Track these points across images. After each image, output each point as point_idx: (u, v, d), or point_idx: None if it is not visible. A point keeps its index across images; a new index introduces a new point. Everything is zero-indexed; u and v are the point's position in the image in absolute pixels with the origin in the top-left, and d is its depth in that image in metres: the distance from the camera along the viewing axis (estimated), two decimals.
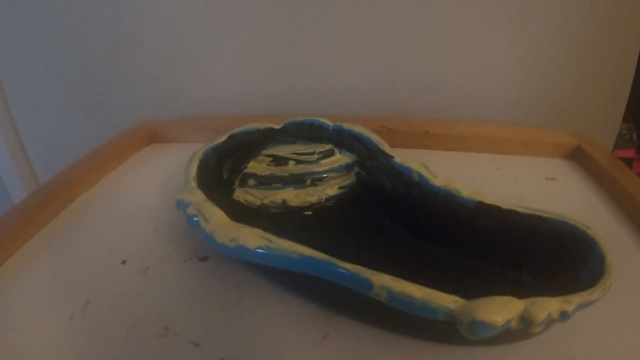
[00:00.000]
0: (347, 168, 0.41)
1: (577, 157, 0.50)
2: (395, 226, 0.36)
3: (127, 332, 0.26)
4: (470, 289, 0.22)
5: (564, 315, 0.21)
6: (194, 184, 0.31)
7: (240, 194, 0.38)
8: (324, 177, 0.40)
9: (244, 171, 0.39)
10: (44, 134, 0.66)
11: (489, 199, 0.31)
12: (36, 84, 0.62)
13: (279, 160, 0.40)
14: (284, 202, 0.38)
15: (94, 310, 0.28)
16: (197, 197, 0.29)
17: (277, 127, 0.40)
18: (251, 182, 0.39)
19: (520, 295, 0.21)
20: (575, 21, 0.53)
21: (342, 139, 0.40)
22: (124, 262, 0.33)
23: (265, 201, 0.38)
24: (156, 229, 0.37)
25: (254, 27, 0.57)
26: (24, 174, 0.67)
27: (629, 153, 0.87)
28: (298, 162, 0.40)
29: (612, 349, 0.26)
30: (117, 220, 0.38)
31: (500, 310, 0.20)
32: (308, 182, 0.39)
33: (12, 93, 0.63)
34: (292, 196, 0.38)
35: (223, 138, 0.38)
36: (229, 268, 0.32)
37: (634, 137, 0.87)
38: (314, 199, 0.39)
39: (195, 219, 0.27)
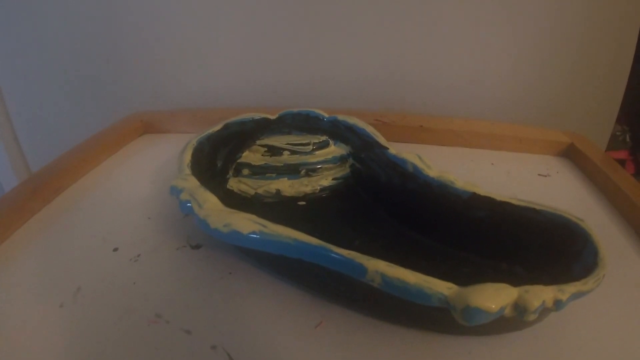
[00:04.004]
0: (342, 159, 0.41)
1: (570, 154, 0.50)
2: (389, 217, 0.36)
3: (118, 319, 0.26)
4: (463, 280, 0.22)
5: (558, 304, 0.21)
6: (187, 170, 0.31)
7: (234, 184, 0.38)
8: (319, 167, 0.40)
9: (238, 161, 0.39)
10: (38, 124, 0.65)
11: (482, 191, 0.31)
12: (30, 74, 0.61)
13: (273, 151, 0.40)
14: (278, 192, 0.38)
15: (84, 297, 0.28)
16: (191, 183, 0.29)
17: (273, 117, 0.40)
18: (245, 171, 0.39)
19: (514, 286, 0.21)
20: (571, 21, 0.54)
21: (337, 131, 0.40)
22: (115, 250, 0.32)
23: (259, 191, 0.38)
24: (149, 218, 0.36)
25: (250, 19, 0.57)
26: (17, 163, 0.66)
27: (622, 154, 0.87)
28: (293, 152, 0.40)
29: (604, 340, 0.26)
30: (110, 208, 0.38)
31: (494, 296, 0.20)
32: (302, 172, 0.39)
33: (5, 83, 0.62)
34: (286, 186, 0.38)
35: (218, 127, 0.38)
36: (221, 256, 0.32)
37: (627, 138, 0.87)
38: (308, 189, 0.39)
39: (188, 204, 0.27)
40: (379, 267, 0.22)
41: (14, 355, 0.24)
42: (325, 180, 0.39)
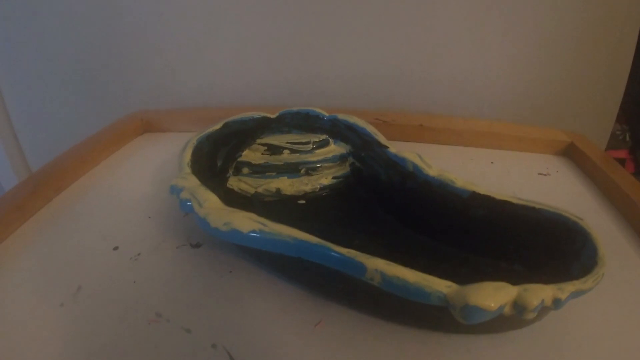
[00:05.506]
0: (342, 158, 0.41)
1: (570, 153, 0.50)
2: (389, 216, 0.36)
3: (119, 318, 0.26)
4: (463, 279, 0.22)
5: (557, 303, 0.21)
6: (188, 169, 0.31)
7: (234, 183, 0.38)
8: (319, 166, 0.40)
9: (238, 159, 0.39)
10: (38, 123, 0.65)
11: (482, 190, 0.31)
12: (30, 73, 0.61)
13: (273, 149, 0.40)
14: (278, 190, 0.38)
15: (85, 296, 0.28)
16: (191, 182, 0.29)
17: (272, 116, 0.40)
18: (245, 170, 0.39)
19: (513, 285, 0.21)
20: (571, 19, 0.54)
21: (337, 130, 0.40)
22: (116, 249, 0.32)
23: (259, 189, 0.38)
24: (149, 217, 0.36)
25: (250, 18, 0.57)
26: (17, 162, 0.66)
27: (622, 154, 0.87)
28: (293, 151, 0.40)
29: (603, 339, 0.26)
30: (110, 207, 0.38)
31: (493, 295, 0.20)
32: (302, 171, 0.39)
33: (5, 82, 0.62)
34: (286, 185, 0.38)
35: (218, 126, 0.38)
36: (221, 255, 0.32)
37: (627, 137, 0.87)
38: (308, 188, 0.39)
39: (188, 203, 0.27)
40: (378, 266, 0.22)
41: (14, 355, 0.24)
42: (325, 179, 0.39)
